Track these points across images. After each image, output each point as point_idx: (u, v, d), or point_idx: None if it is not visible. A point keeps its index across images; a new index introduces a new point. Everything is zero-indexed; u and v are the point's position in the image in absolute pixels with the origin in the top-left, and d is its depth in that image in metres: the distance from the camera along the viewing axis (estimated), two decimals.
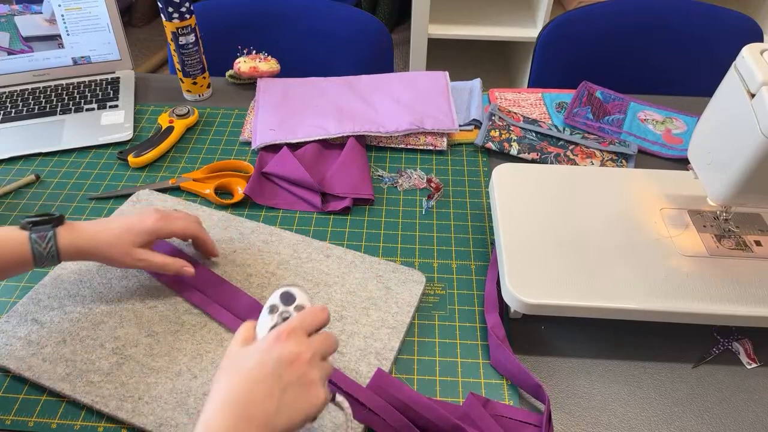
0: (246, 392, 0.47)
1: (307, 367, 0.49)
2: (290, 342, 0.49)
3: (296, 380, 0.48)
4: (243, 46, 1.08)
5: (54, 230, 0.62)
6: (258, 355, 0.49)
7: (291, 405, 0.47)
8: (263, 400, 0.46)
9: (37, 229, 0.61)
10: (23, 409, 0.60)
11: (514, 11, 2.06)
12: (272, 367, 0.48)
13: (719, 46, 1.22)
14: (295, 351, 0.49)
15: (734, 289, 0.63)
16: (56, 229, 0.62)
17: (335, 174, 0.86)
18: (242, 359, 0.49)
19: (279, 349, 0.49)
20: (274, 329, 0.51)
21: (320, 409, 0.49)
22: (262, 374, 0.48)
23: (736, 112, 0.59)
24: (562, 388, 0.63)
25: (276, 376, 0.47)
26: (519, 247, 0.67)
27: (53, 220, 0.63)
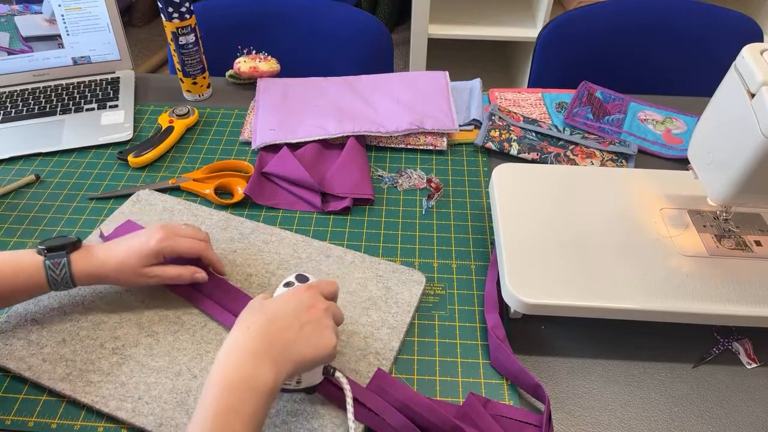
0: (268, 322, 0.53)
1: (323, 314, 0.55)
2: (308, 293, 0.56)
3: (313, 321, 0.54)
4: (243, 46, 1.08)
5: (68, 257, 0.63)
6: (279, 301, 0.56)
7: (307, 340, 0.53)
8: (283, 329, 0.53)
9: (51, 256, 0.63)
10: (23, 409, 0.60)
11: (514, 11, 2.06)
12: (292, 308, 0.54)
13: (719, 46, 1.22)
14: (313, 301, 0.56)
15: (734, 289, 0.63)
16: (70, 255, 0.63)
17: (335, 174, 0.86)
18: (264, 305, 0.55)
19: (299, 297, 0.56)
20: (296, 286, 0.58)
21: (331, 353, 0.54)
22: (282, 311, 0.54)
23: (736, 112, 0.59)
24: (562, 388, 0.63)
25: (295, 315, 0.54)
26: (519, 247, 0.67)
27: (68, 245, 0.63)
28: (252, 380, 0.49)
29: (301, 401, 0.60)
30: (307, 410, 0.59)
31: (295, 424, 0.58)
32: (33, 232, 0.80)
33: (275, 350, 0.51)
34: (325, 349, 0.54)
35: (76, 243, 0.64)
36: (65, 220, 0.82)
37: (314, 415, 0.59)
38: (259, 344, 0.51)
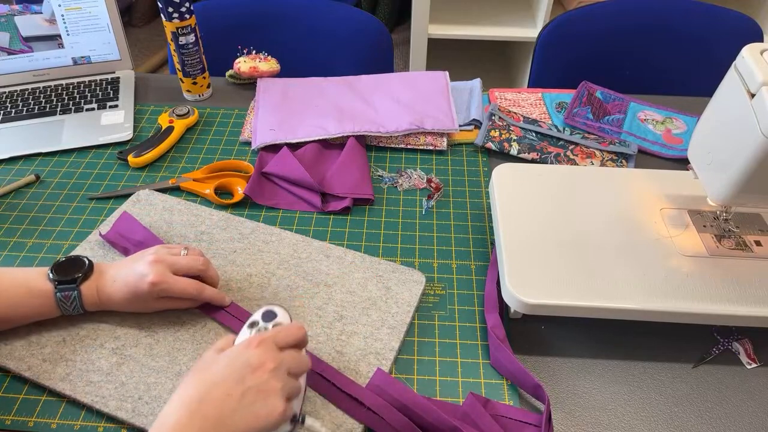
0: (205, 391, 0.49)
1: (270, 376, 0.50)
2: (258, 350, 0.51)
3: (257, 386, 0.49)
4: (243, 46, 1.08)
5: (78, 289, 0.63)
6: (226, 360, 0.51)
7: (248, 409, 0.48)
8: (221, 399, 0.48)
9: (62, 288, 0.63)
10: (23, 409, 0.60)
11: (514, 11, 2.06)
12: (236, 370, 0.50)
13: (719, 46, 1.22)
14: (261, 359, 0.51)
15: (734, 289, 0.63)
16: (80, 287, 0.63)
17: (335, 174, 0.86)
18: (211, 363, 0.52)
19: (247, 355, 0.51)
20: (249, 337, 0.53)
21: (277, 420, 0.49)
22: (224, 375, 0.50)
23: (736, 112, 0.59)
24: (562, 388, 0.63)
25: (238, 379, 0.49)
26: (519, 247, 0.67)
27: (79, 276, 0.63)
28: None
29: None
30: (307, 410, 0.59)
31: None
32: (33, 232, 0.80)
33: (210, 424, 0.47)
34: (269, 417, 0.49)
35: (87, 272, 0.64)
36: (65, 220, 0.82)
37: (314, 415, 0.59)
38: (190, 422, 0.47)
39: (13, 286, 0.63)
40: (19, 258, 0.76)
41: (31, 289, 0.63)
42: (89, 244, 0.76)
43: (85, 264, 0.65)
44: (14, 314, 0.63)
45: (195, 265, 0.66)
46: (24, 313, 0.63)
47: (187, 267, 0.66)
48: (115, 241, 0.75)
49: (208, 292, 0.66)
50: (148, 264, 0.63)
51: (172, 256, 0.65)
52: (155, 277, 0.62)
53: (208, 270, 0.67)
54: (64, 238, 0.79)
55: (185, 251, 0.68)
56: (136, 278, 0.63)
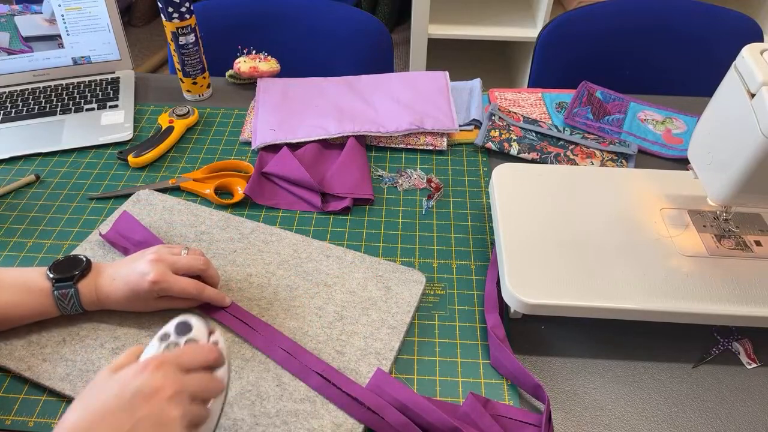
0: (90, 422, 0.43)
1: (166, 405, 0.44)
2: (156, 374, 0.45)
3: (149, 417, 0.44)
4: (243, 46, 1.08)
5: (75, 287, 0.63)
6: (118, 385, 0.45)
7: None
8: None
9: (59, 286, 0.63)
10: (23, 409, 0.60)
11: (514, 11, 2.06)
12: (127, 400, 0.44)
13: (719, 46, 1.22)
14: (157, 385, 0.45)
15: (734, 289, 0.63)
16: (78, 285, 0.63)
17: (335, 174, 0.86)
18: (103, 387, 0.46)
19: (141, 380, 0.45)
20: (146, 358, 0.47)
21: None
22: (114, 406, 0.44)
23: (736, 112, 0.59)
24: (562, 388, 0.63)
25: (129, 410, 0.44)
26: (519, 247, 0.67)
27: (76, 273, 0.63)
28: None
29: (301, 401, 0.60)
30: (307, 410, 0.59)
31: (295, 424, 0.58)
32: (33, 232, 0.80)
33: None
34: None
35: (84, 269, 0.64)
36: (65, 220, 0.82)
37: (314, 415, 0.59)
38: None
39: (12, 285, 0.63)
40: (19, 258, 0.76)
41: (29, 287, 0.63)
42: (89, 244, 0.76)
43: (82, 262, 0.65)
44: (13, 313, 0.63)
45: (195, 264, 0.66)
46: (23, 312, 0.63)
47: (187, 266, 0.65)
48: (115, 241, 0.75)
49: (209, 291, 0.66)
50: (148, 263, 0.63)
51: (172, 256, 0.65)
52: (155, 275, 0.62)
53: (209, 270, 0.67)
54: (64, 238, 0.79)
55: (186, 251, 0.68)
56: (136, 277, 0.63)
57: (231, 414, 0.59)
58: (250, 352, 0.64)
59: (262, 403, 0.60)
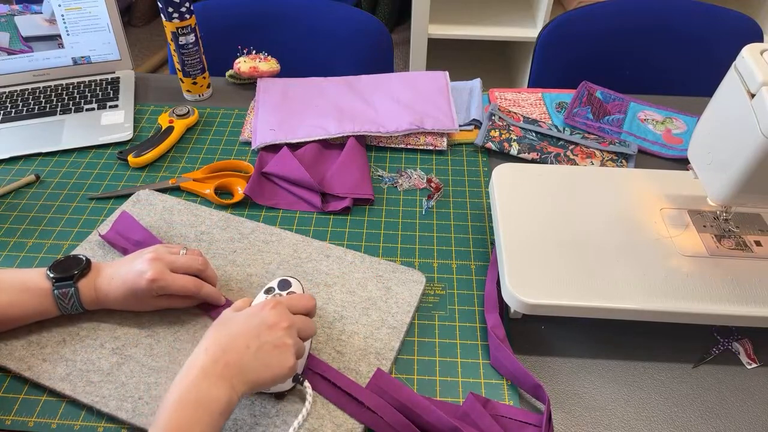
0: (227, 342, 0.54)
1: (284, 333, 0.56)
2: (274, 311, 0.57)
3: (272, 341, 0.55)
4: (243, 46, 1.08)
5: (75, 286, 0.63)
6: (244, 317, 0.57)
7: (263, 360, 0.54)
8: (241, 350, 0.54)
9: (59, 286, 0.63)
10: (23, 409, 0.60)
11: (514, 11, 2.06)
12: (255, 326, 0.56)
13: (719, 46, 1.22)
14: (276, 319, 0.56)
15: (734, 289, 0.63)
16: (78, 284, 0.64)
17: (335, 174, 0.86)
18: (231, 319, 0.57)
19: (263, 314, 0.57)
20: (263, 300, 0.59)
21: (287, 373, 0.55)
22: (244, 330, 0.55)
23: (736, 112, 0.59)
24: (562, 388, 0.63)
25: (255, 334, 0.55)
26: (519, 247, 0.67)
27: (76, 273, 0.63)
28: (205, 399, 0.50)
29: (301, 401, 0.60)
30: (307, 410, 0.59)
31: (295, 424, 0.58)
32: (33, 232, 0.80)
33: (230, 372, 0.52)
34: (282, 369, 0.55)
35: (84, 269, 0.64)
36: (65, 220, 0.82)
37: (314, 415, 0.59)
38: (214, 366, 0.52)
39: (11, 285, 0.63)
40: (19, 258, 0.76)
41: (29, 287, 0.63)
42: (89, 244, 0.76)
43: (82, 261, 0.65)
44: (14, 313, 0.63)
45: (194, 264, 0.66)
46: (23, 312, 0.63)
47: (186, 266, 0.66)
48: (114, 242, 0.75)
49: (207, 289, 0.66)
50: (146, 261, 0.64)
51: (170, 255, 0.66)
52: (154, 274, 0.62)
53: (207, 270, 0.67)
54: (64, 238, 0.79)
55: (184, 251, 0.68)
56: (135, 276, 0.63)
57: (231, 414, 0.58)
58: None
59: (262, 403, 0.60)
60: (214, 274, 0.69)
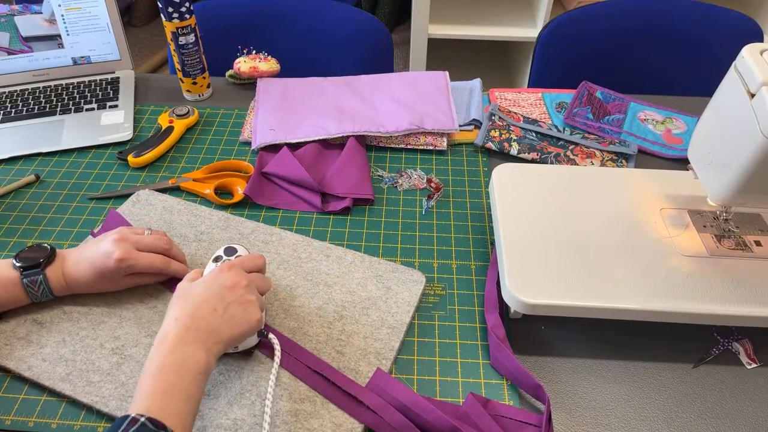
0: (195, 310, 0.56)
1: (245, 291, 0.59)
2: (231, 273, 0.60)
3: (236, 300, 0.58)
4: (243, 46, 1.08)
5: (44, 273, 0.64)
6: (204, 284, 0.59)
7: (232, 319, 0.57)
8: (209, 315, 0.56)
9: (27, 274, 0.64)
10: (23, 409, 0.60)
11: (514, 11, 2.06)
12: (216, 290, 0.58)
13: (719, 46, 1.22)
14: (235, 280, 0.59)
15: (734, 289, 0.63)
16: (45, 271, 0.65)
17: (335, 174, 0.86)
18: (191, 289, 0.59)
19: (221, 278, 0.59)
20: (219, 265, 0.62)
21: (255, 326, 0.59)
22: (207, 295, 0.58)
23: (736, 112, 0.59)
24: (562, 388, 0.63)
25: (219, 297, 0.58)
26: (519, 247, 0.67)
27: (42, 260, 0.65)
28: (184, 363, 0.53)
29: (301, 401, 0.60)
30: (307, 410, 0.59)
31: (295, 424, 0.58)
32: (33, 232, 0.80)
33: (203, 336, 0.55)
34: (251, 323, 0.58)
35: (50, 256, 0.65)
36: (65, 220, 0.82)
37: (314, 415, 0.59)
38: (187, 333, 0.54)
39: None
40: None
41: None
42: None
43: (47, 249, 0.66)
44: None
45: (159, 243, 0.68)
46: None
47: (151, 245, 0.68)
48: None
49: (175, 265, 0.69)
50: (112, 242, 0.65)
51: (135, 235, 0.68)
52: (121, 254, 0.64)
53: (172, 248, 0.70)
54: (64, 238, 0.79)
55: (149, 231, 0.69)
56: (102, 257, 0.65)
57: (231, 414, 0.59)
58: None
59: (262, 402, 0.60)
60: (180, 251, 0.71)
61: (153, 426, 0.48)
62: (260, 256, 0.65)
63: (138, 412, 0.48)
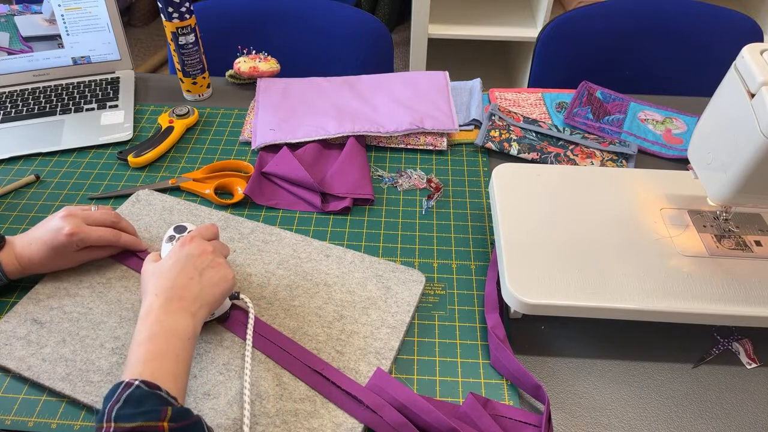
0: (172, 283, 0.58)
1: (213, 255, 0.62)
2: (194, 243, 0.62)
3: (208, 264, 0.61)
4: (243, 46, 1.08)
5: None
6: (171, 259, 0.61)
7: (209, 282, 0.60)
8: (188, 283, 0.59)
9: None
10: (23, 409, 0.60)
11: (514, 11, 2.06)
12: (185, 261, 0.60)
13: (719, 46, 1.22)
14: (200, 248, 0.62)
15: (734, 289, 0.63)
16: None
17: (335, 174, 0.86)
18: (160, 266, 0.61)
19: (186, 249, 0.61)
20: (179, 239, 0.64)
21: (231, 284, 0.62)
22: (179, 267, 0.60)
23: (736, 112, 0.59)
24: (562, 388, 0.63)
25: (191, 266, 0.60)
26: (519, 247, 0.67)
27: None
28: (172, 329, 0.55)
29: (301, 401, 0.60)
30: (307, 410, 0.59)
31: (294, 423, 0.58)
32: None
33: (186, 304, 0.57)
34: (227, 282, 0.62)
35: (0, 243, 0.67)
36: None
37: (314, 414, 0.59)
38: (170, 304, 0.57)
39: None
40: None
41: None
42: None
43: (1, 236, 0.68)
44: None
45: (107, 217, 0.71)
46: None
47: (100, 219, 0.70)
48: None
49: (125, 238, 0.71)
50: (61, 219, 0.67)
51: (83, 211, 0.70)
52: (71, 228, 0.66)
53: (121, 222, 0.72)
54: None
55: (95, 207, 0.71)
56: (52, 234, 0.66)
57: (231, 414, 0.59)
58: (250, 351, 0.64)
59: (261, 402, 0.60)
60: (129, 225, 0.74)
61: (147, 387, 0.49)
62: (213, 224, 0.67)
63: (131, 377, 0.50)
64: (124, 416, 0.47)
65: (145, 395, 0.49)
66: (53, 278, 0.71)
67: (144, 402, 0.48)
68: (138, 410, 0.47)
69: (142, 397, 0.48)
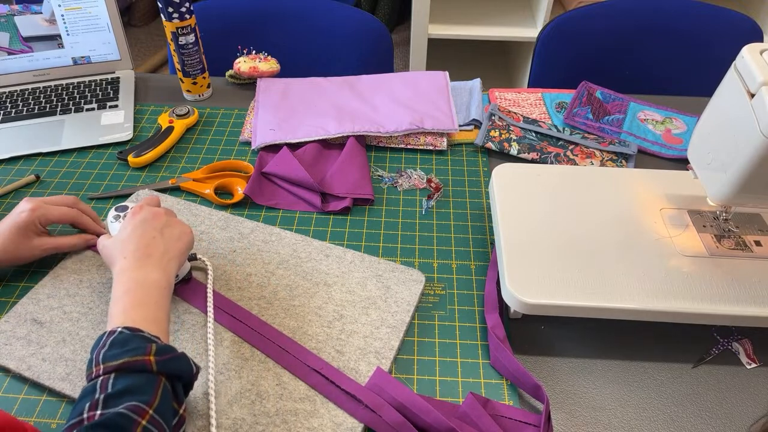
0: (137, 244, 0.61)
1: (166, 218, 0.65)
2: (145, 210, 0.65)
3: (164, 224, 0.64)
4: (243, 46, 1.08)
5: None
6: (128, 228, 0.63)
7: (171, 237, 0.63)
8: (152, 242, 0.62)
9: None
10: (23, 409, 0.60)
11: (514, 11, 2.06)
12: (142, 225, 0.63)
13: (719, 46, 1.22)
14: (152, 212, 0.65)
15: (734, 289, 0.63)
16: None
17: (335, 174, 0.86)
18: (118, 237, 0.64)
19: (139, 216, 0.64)
20: (129, 210, 0.67)
21: (192, 237, 0.66)
22: (140, 231, 0.62)
23: (736, 112, 0.59)
24: (562, 388, 0.63)
25: (150, 228, 0.63)
26: (519, 247, 0.67)
27: None
28: (147, 282, 0.58)
29: (300, 400, 0.60)
30: (307, 409, 0.59)
31: (294, 423, 0.58)
32: None
33: (156, 260, 0.61)
34: (188, 236, 0.65)
35: None
36: None
37: (314, 414, 0.59)
38: (140, 261, 0.60)
39: None
40: None
41: None
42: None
43: None
44: None
45: (66, 198, 0.73)
46: None
47: (60, 201, 0.72)
48: None
49: (86, 218, 0.74)
50: (22, 203, 0.70)
51: (42, 197, 0.72)
52: (33, 204, 0.69)
53: (80, 203, 0.74)
54: None
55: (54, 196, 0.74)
56: (16, 215, 0.68)
57: (231, 413, 0.59)
58: (250, 351, 0.64)
59: (261, 402, 0.60)
60: (88, 207, 0.75)
61: (130, 331, 0.53)
62: (153, 195, 0.70)
63: (114, 326, 0.53)
64: (111, 356, 0.50)
65: (129, 337, 0.52)
66: (53, 278, 0.71)
67: (128, 342, 0.51)
68: (123, 349, 0.51)
69: (126, 339, 0.52)
